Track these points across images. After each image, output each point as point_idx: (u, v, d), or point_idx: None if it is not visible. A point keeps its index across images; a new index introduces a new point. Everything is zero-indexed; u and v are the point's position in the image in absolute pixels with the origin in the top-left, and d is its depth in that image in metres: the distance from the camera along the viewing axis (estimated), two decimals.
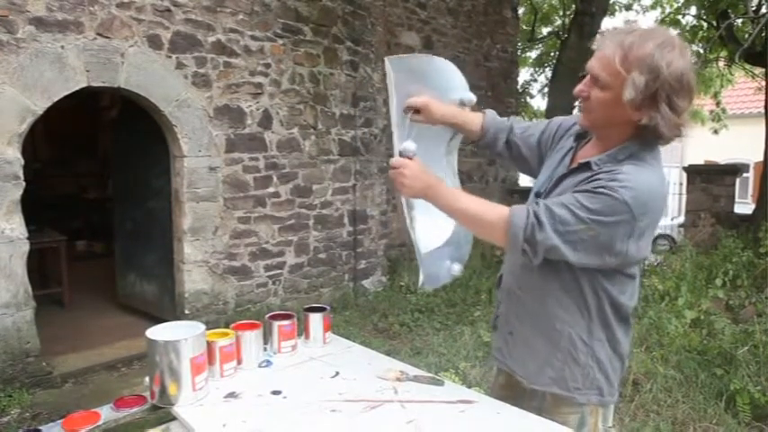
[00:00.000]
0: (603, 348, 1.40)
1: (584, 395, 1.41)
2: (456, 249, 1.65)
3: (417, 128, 1.57)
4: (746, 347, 3.44)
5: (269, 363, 1.74)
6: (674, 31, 1.34)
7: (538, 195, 1.47)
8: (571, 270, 1.34)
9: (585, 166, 1.35)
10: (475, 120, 1.68)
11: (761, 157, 7.42)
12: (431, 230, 1.58)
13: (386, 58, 1.63)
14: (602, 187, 1.24)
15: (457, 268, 1.62)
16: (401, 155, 1.45)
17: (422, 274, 1.59)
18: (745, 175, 9.87)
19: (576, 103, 1.51)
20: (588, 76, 1.31)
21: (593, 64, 1.29)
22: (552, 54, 11.39)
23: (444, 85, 1.68)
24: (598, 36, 1.52)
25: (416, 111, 1.57)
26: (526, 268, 1.41)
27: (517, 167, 1.82)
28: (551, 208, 1.26)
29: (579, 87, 1.32)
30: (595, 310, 1.37)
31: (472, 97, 1.68)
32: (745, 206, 9.04)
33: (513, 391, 1.55)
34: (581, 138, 1.48)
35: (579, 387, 1.40)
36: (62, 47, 3.52)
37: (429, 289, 1.60)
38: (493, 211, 1.35)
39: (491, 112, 1.73)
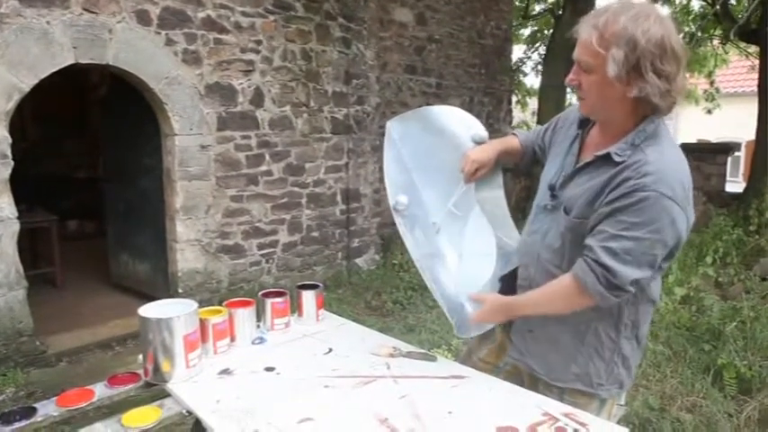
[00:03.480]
0: (630, 344, 1.41)
1: (607, 390, 1.42)
2: (492, 286, 1.66)
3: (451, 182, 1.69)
4: (734, 323, 3.49)
5: (262, 340, 1.75)
6: (648, 3, 1.31)
7: (552, 188, 1.44)
8: None
9: (604, 159, 1.30)
10: (513, 143, 1.75)
11: (752, 136, 7.44)
12: (462, 274, 1.64)
13: (388, 122, 1.74)
14: (638, 190, 1.21)
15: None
16: (395, 209, 1.59)
17: (456, 322, 1.61)
18: (736, 153, 9.91)
19: (573, 93, 1.58)
20: (575, 65, 1.31)
21: (576, 51, 1.29)
22: (546, 31, 11.29)
23: (453, 129, 1.76)
24: (575, 26, 1.54)
25: (474, 172, 1.67)
26: (557, 267, 1.40)
27: None
28: (607, 246, 1.23)
29: (570, 77, 1.33)
30: (627, 309, 1.36)
31: (483, 134, 1.74)
32: (736, 185, 9.10)
33: (519, 380, 1.56)
34: (584, 124, 1.46)
35: (602, 383, 1.41)
36: (48, 22, 3.45)
37: (474, 334, 1.61)
38: (562, 286, 1.33)
39: (519, 131, 1.80)
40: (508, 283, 1.59)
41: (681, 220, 1.23)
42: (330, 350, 1.68)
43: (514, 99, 10.30)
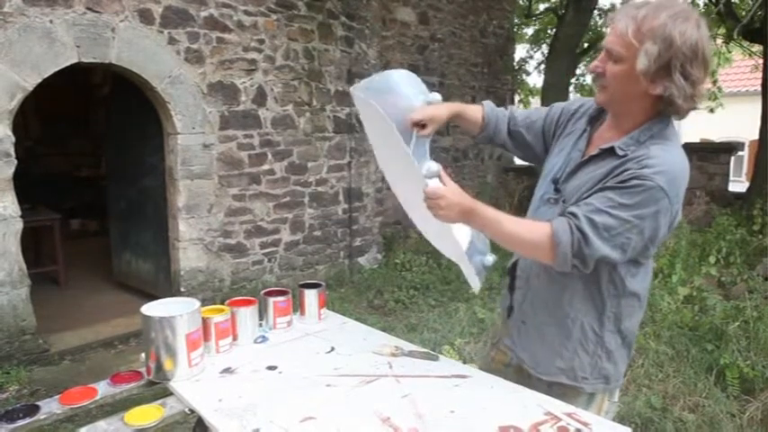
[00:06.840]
0: (614, 338, 1.41)
1: (591, 384, 1.42)
2: (478, 240, 1.56)
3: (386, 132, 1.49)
4: (737, 323, 3.48)
5: (264, 338, 1.75)
6: (689, 5, 1.29)
7: (555, 182, 1.44)
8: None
9: (609, 152, 1.32)
10: (476, 112, 1.67)
11: (756, 136, 7.42)
12: (451, 235, 1.51)
13: (351, 89, 1.61)
14: (635, 177, 1.22)
15: (491, 259, 1.51)
16: (426, 177, 1.39)
17: (470, 280, 1.53)
18: (739, 153, 9.90)
19: (590, 81, 1.49)
20: (603, 52, 1.30)
21: (607, 39, 1.28)
22: (549, 31, 11.26)
23: (408, 92, 1.61)
24: (610, 13, 1.50)
25: (422, 125, 1.51)
26: None
27: (520, 155, 1.76)
28: (591, 217, 1.24)
29: (594, 63, 1.31)
30: (609, 301, 1.37)
31: (437, 97, 1.61)
32: (739, 184, 9.07)
33: (521, 379, 1.55)
34: (594, 120, 1.45)
35: (587, 377, 1.41)
36: (51, 21, 3.46)
37: (482, 277, 1.54)
38: (536, 231, 1.30)
39: (489, 103, 1.71)
40: (511, 273, 1.59)
41: (665, 216, 1.24)
42: (332, 349, 1.68)
43: (517, 98, 10.29)
